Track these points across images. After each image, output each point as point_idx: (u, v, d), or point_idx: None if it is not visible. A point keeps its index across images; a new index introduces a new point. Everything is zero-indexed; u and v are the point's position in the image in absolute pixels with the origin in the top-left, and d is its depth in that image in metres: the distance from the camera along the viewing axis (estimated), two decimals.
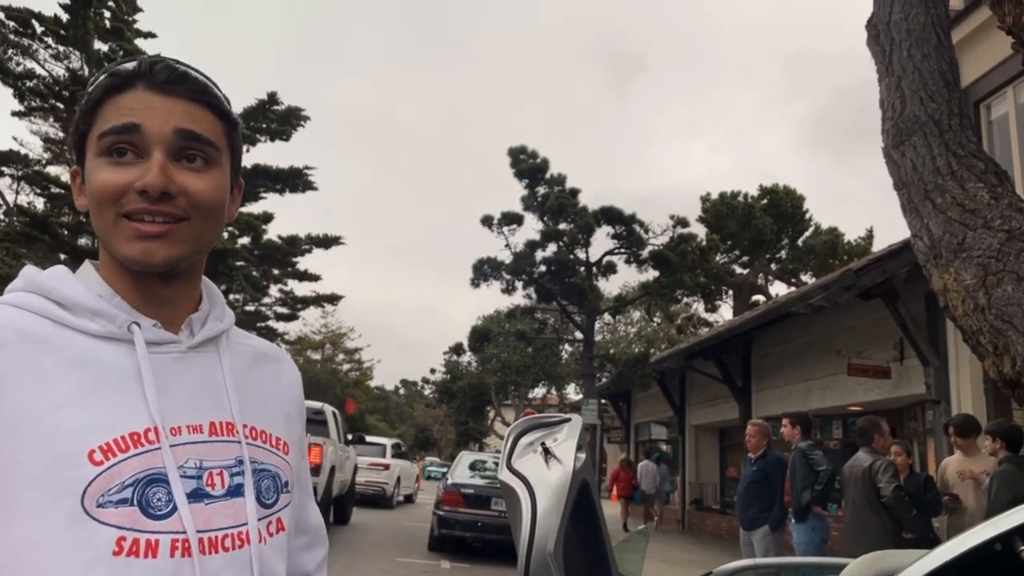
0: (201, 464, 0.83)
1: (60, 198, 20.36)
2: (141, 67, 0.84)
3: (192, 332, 0.89)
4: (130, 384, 0.81)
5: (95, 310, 0.83)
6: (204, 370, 0.89)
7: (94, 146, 0.83)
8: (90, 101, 0.85)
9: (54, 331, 0.81)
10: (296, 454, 0.96)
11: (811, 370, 12.20)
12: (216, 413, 0.87)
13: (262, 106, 21.49)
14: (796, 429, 6.58)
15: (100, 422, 0.78)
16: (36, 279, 0.85)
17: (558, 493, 3.04)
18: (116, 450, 0.77)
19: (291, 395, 1.00)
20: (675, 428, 18.79)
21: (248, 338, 1.01)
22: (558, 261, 16.92)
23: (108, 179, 0.81)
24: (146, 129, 0.81)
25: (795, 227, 27.11)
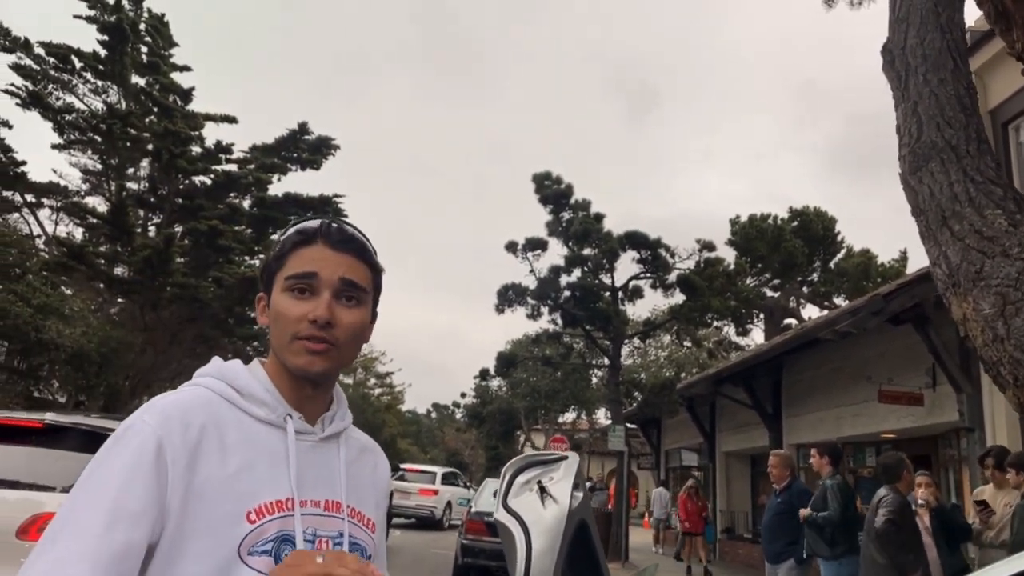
0: (316, 532, 1.09)
1: (97, 228, 20.86)
2: (322, 228, 1.15)
3: (324, 427, 1.18)
4: (280, 462, 1.09)
5: (263, 400, 1.12)
6: (328, 458, 1.17)
7: (281, 283, 1.13)
8: (283, 249, 1.15)
9: (232, 412, 1.09)
10: (379, 533, 1.22)
11: (842, 396, 11.95)
12: (330, 493, 1.14)
13: (293, 136, 21.87)
14: (825, 460, 6.43)
15: (257, 490, 1.05)
16: (223, 369, 1.15)
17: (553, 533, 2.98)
18: (265, 512, 1.04)
19: (381, 486, 1.28)
20: (705, 455, 18.50)
21: (358, 433, 1.29)
22: (583, 286, 16.85)
23: (291, 309, 1.11)
24: (320, 276, 1.12)
25: (827, 249, 26.71)
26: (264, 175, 21.08)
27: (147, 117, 20.19)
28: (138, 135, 19.74)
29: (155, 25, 21.52)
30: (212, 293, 18.92)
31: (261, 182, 20.96)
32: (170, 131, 19.35)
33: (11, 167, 19.28)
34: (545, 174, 17.22)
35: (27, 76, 19.72)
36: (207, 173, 20.94)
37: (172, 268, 18.28)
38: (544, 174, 17.22)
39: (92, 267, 18.46)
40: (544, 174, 17.22)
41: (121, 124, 19.16)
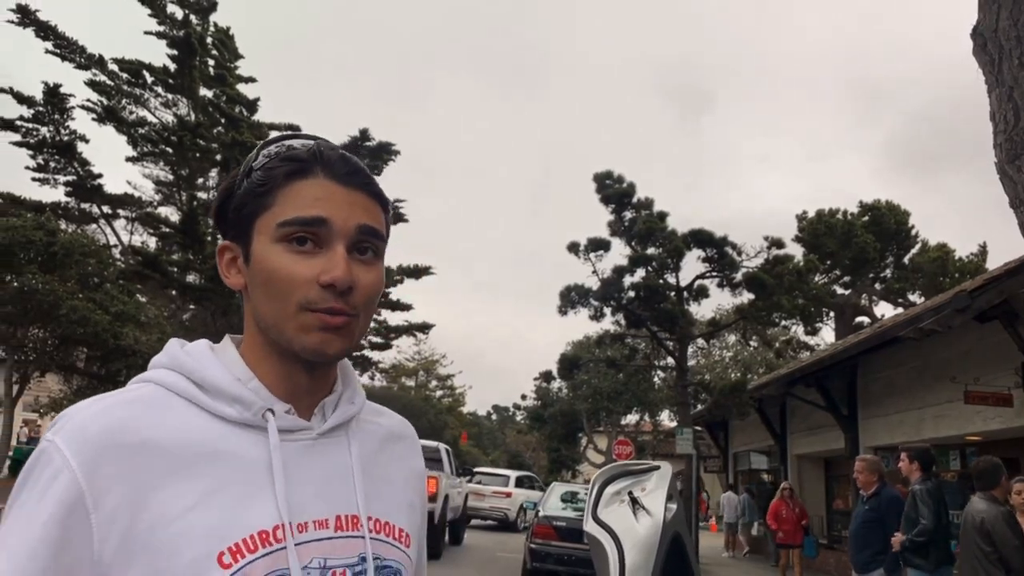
0: (325, 563, 0.81)
1: (169, 237, 21.56)
2: (321, 153, 0.84)
3: (324, 417, 0.87)
4: (260, 477, 0.79)
5: (233, 395, 0.81)
6: (333, 458, 0.87)
7: (269, 231, 0.82)
8: (266, 181, 0.83)
9: (191, 416, 0.80)
10: (416, 545, 0.94)
11: (923, 397, 11.45)
12: (343, 506, 0.85)
13: (355, 143, 22.20)
14: (914, 465, 6.09)
15: (230, 522, 0.76)
16: (179, 358, 0.84)
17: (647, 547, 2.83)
18: (245, 551, 0.76)
19: (415, 482, 0.98)
20: (776, 457, 18.01)
21: (379, 414, 0.98)
22: (647, 286, 16.57)
23: (293, 269, 0.80)
24: (332, 223, 0.81)
25: (900, 244, 25.76)
26: None
27: (215, 128, 20.78)
28: (207, 146, 20.33)
29: (221, 38, 22.16)
30: None
31: None
32: (237, 141, 19.86)
33: (89, 180, 20.11)
34: (606, 173, 17.03)
35: (102, 92, 20.53)
36: None
37: None
38: (605, 173, 17.03)
39: (166, 275, 19.09)
40: (605, 173, 17.03)
41: (191, 136, 19.76)
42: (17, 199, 19.74)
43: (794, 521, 12.42)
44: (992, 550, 4.70)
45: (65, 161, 19.72)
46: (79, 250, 15.34)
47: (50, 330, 15.39)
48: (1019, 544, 4.65)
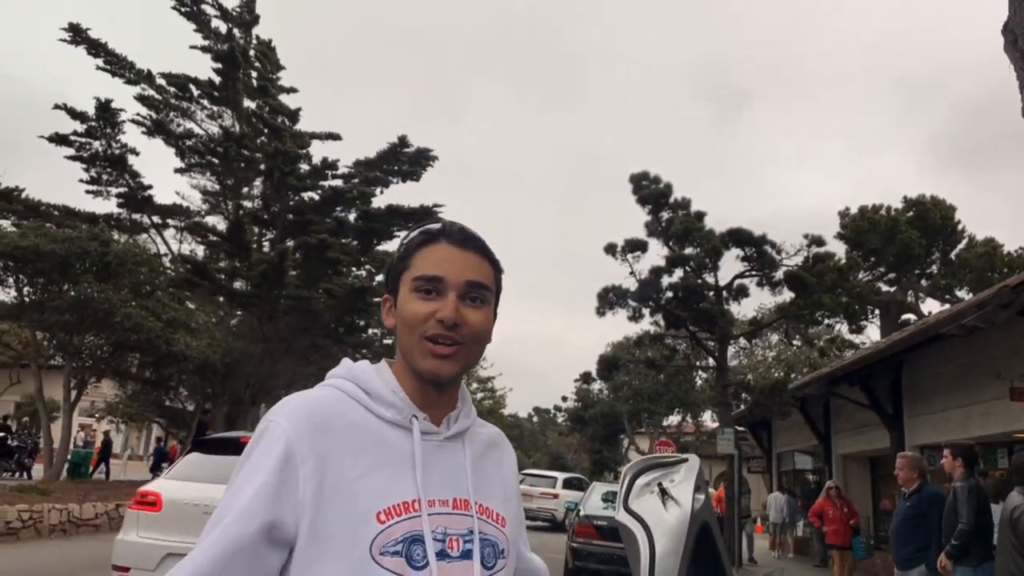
0: (445, 531, 1.09)
1: (217, 245, 22.17)
2: (445, 227, 1.18)
3: (448, 426, 1.18)
4: (405, 463, 1.10)
5: (390, 402, 1.13)
6: (453, 456, 1.17)
7: (408, 284, 1.14)
8: (407, 250, 1.17)
9: (360, 414, 1.11)
10: (513, 524, 1.24)
11: (970, 394, 11.27)
12: (458, 491, 1.14)
13: (394, 150, 22.57)
14: (958, 462, 6.06)
15: (385, 491, 1.06)
16: (353, 371, 1.17)
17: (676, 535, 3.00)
18: (393, 514, 1.05)
19: (508, 479, 1.28)
20: (821, 457, 17.81)
21: (484, 427, 1.29)
22: (685, 287, 16.53)
23: (418, 309, 1.12)
24: (447, 279, 1.13)
25: (946, 240, 25.21)
26: (368, 189, 21.87)
27: (259, 138, 21.32)
28: (251, 156, 20.88)
29: (263, 51, 22.71)
30: (323, 303, 19.78)
31: (365, 195, 21.74)
32: (280, 151, 20.36)
33: (139, 191, 20.79)
34: (643, 174, 17.04)
35: (151, 106, 21.21)
36: (315, 189, 21.91)
37: (286, 281, 19.22)
38: (642, 174, 17.04)
39: (214, 282, 19.65)
40: (642, 174, 17.04)
41: (236, 146, 20.32)
42: (72, 211, 20.50)
43: (842, 521, 11.99)
44: (1019, 543, 4.69)
45: (117, 173, 20.41)
46: (132, 259, 15.91)
47: (105, 337, 15.97)
48: None
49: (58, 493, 12.84)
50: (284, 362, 20.61)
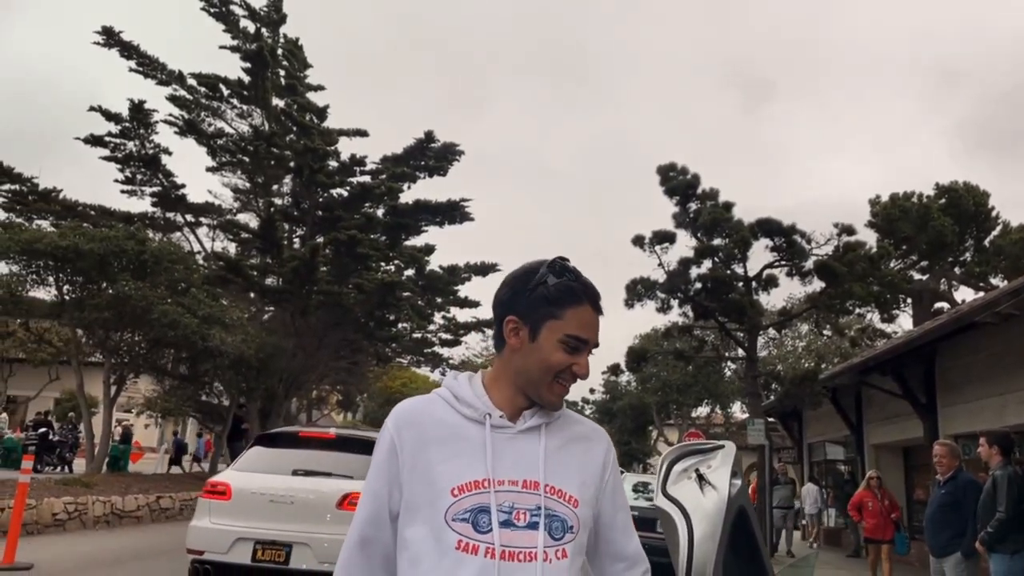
0: (513, 505, 1.34)
1: (248, 243, 22.52)
2: (589, 293, 1.43)
3: (525, 422, 1.42)
4: (479, 451, 1.36)
5: (470, 404, 1.41)
6: (527, 445, 1.40)
7: (558, 334, 1.38)
8: (555, 300, 1.39)
9: (449, 412, 1.41)
10: (585, 508, 1.42)
11: (1006, 383, 11.15)
12: (529, 474, 1.37)
13: (420, 145, 22.75)
14: (994, 449, 6.06)
15: (460, 472, 1.34)
16: (450, 382, 1.48)
17: (714, 519, 3.10)
18: (464, 490, 1.33)
19: (591, 468, 1.47)
20: (852, 447, 17.70)
21: (577, 423, 1.51)
22: (714, 277, 16.49)
23: (563, 360, 1.39)
24: (591, 344, 1.41)
25: (980, 227, 24.75)
26: (395, 184, 22.06)
27: (288, 136, 21.59)
28: (281, 154, 21.17)
29: (291, 49, 22.98)
30: (354, 299, 20.01)
31: (393, 191, 21.93)
32: (309, 148, 20.61)
33: (173, 190, 21.18)
34: (670, 165, 17.01)
35: (182, 106, 21.58)
36: (344, 185, 22.16)
37: (317, 277, 19.49)
38: (669, 165, 17.01)
39: (247, 279, 19.98)
40: (669, 165, 17.01)
41: (266, 145, 20.61)
42: (108, 211, 20.95)
43: (882, 514, 11.30)
44: None
45: (151, 173, 20.81)
46: (167, 257, 16.22)
47: (143, 334, 16.32)
48: None
49: (101, 486, 13.20)
50: (316, 356, 20.90)
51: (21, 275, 15.32)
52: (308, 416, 32.56)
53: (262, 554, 6.11)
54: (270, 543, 6.11)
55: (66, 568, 8.19)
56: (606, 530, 1.50)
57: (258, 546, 6.11)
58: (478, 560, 1.29)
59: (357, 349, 23.38)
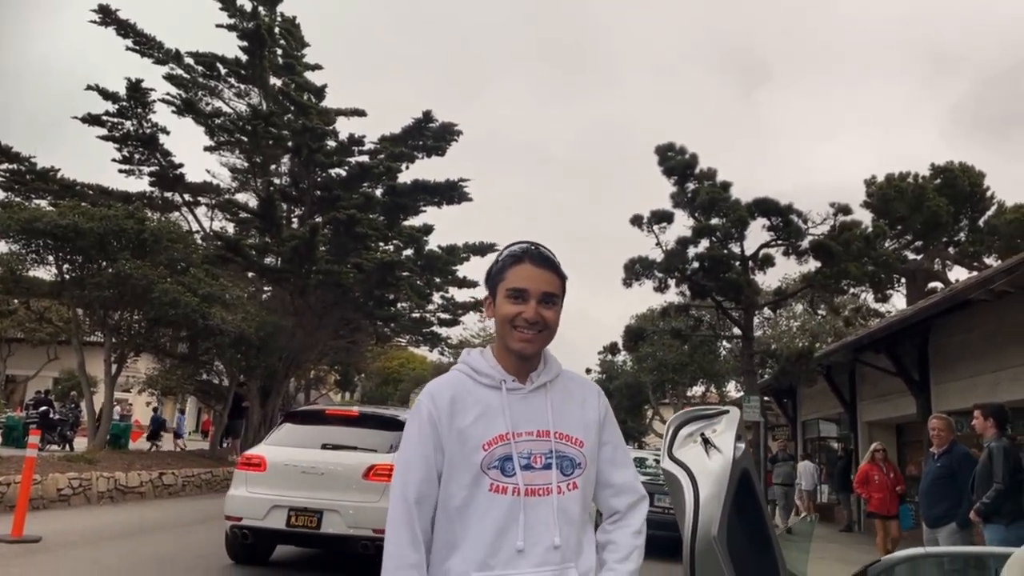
0: (530, 452, 1.65)
1: (247, 222, 22.53)
2: (528, 250, 1.71)
3: (532, 383, 1.72)
4: (499, 411, 1.67)
5: (487, 374, 1.71)
6: (537, 402, 1.71)
7: (504, 292, 1.69)
8: (503, 266, 1.71)
9: (471, 384, 1.70)
10: (591, 447, 1.73)
11: (998, 360, 11.33)
12: (541, 424, 1.68)
13: (418, 125, 22.71)
14: (989, 422, 6.20)
15: (487, 430, 1.64)
16: (466, 358, 1.76)
17: (719, 481, 3.25)
18: (493, 443, 1.63)
19: (589, 414, 1.77)
20: (846, 425, 17.94)
21: (572, 380, 1.81)
22: (711, 257, 16.63)
23: (511, 310, 1.67)
24: (530, 291, 1.68)
25: (975, 207, 24.91)
26: (394, 164, 22.04)
27: (286, 116, 21.52)
28: (279, 133, 21.11)
29: (288, 28, 22.84)
30: (353, 278, 20.09)
31: (391, 171, 21.93)
32: (307, 128, 20.58)
33: (171, 170, 21.14)
34: (668, 145, 17.09)
35: (180, 85, 21.48)
36: (342, 165, 22.14)
37: (317, 256, 19.54)
38: (667, 145, 17.09)
39: (246, 258, 20.02)
40: (667, 145, 17.09)
41: (264, 124, 20.55)
42: (106, 190, 20.90)
43: (888, 488, 10.92)
44: None
45: (148, 153, 20.74)
46: (167, 237, 16.25)
47: (143, 312, 16.37)
48: None
49: (104, 463, 13.34)
50: (316, 335, 21.00)
51: (21, 254, 15.32)
52: (306, 395, 32.73)
53: (296, 520, 6.75)
54: (303, 510, 6.75)
55: (73, 541, 8.33)
56: (598, 463, 1.78)
57: (292, 513, 6.75)
58: (507, 498, 1.60)
59: (356, 328, 23.48)
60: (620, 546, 1.75)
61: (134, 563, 7.46)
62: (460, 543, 1.61)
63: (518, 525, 1.60)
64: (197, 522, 10.71)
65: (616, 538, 1.76)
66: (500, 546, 1.59)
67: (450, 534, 1.62)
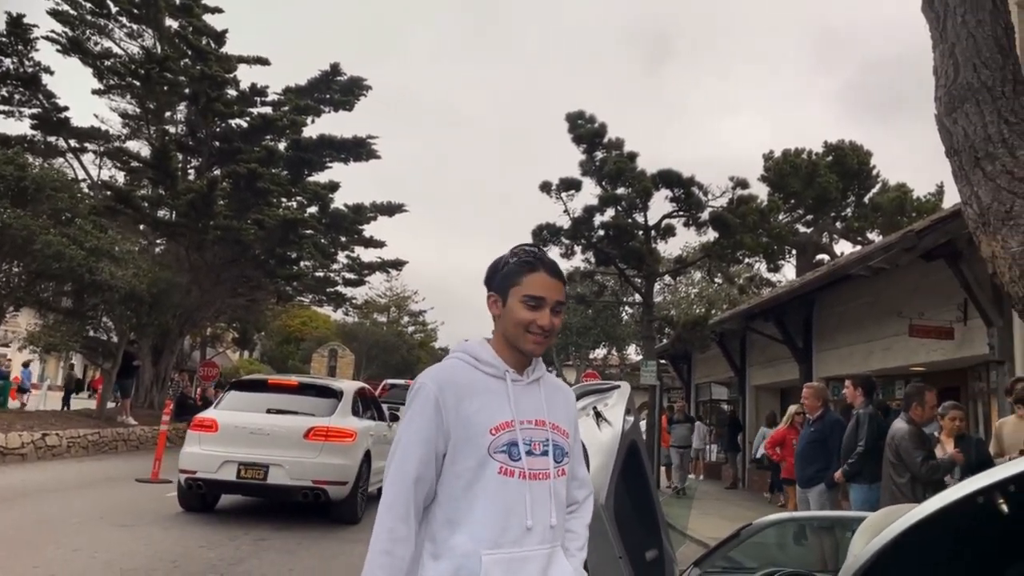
0: (531, 439, 1.74)
1: (139, 172, 21.38)
2: (544, 261, 1.80)
3: (529, 376, 1.83)
4: (504, 399, 1.75)
5: (491, 364, 1.79)
6: (533, 394, 1.82)
7: (519, 297, 1.75)
8: (518, 270, 1.77)
9: (474, 373, 1.77)
10: (572, 439, 1.87)
11: (873, 331, 12.13)
12: (538, 414, 1.78)
13: (325, 77, 22.01)
14: (858, 391, 6.67)
15: (493, 416, 1.71)
16: (467, 347, 1.83)
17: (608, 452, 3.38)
18: (499, 429, 1.71)
19: (570, 409, 1.92)
20: (736, 388, 18.87)
21: (553, 378, 1.94)
22: (616, 225, 16.95)
23: (527, 316, 1.75)
24: (546, 300, 1.76)
25: (861, 184, 26.34)
26: (299, 117, 21.33)
27: (182, 60, 20.41)
28: (175, 79, 20.03)
29: None
30: (253, 235, 19.43)
31: (296, 124, 21.22)
32: (206, 74, 19.60)
33: (55, 113, 19.76)
34: (579, 113, 17.19)
35: (65, 22, 20.00)
36: (243, 116, 21.24)
37: (215, 211, 18.77)
38: (578, 113, 17.19)
39: (138, 210, 19.05)
40: (578, 113, 17.19)
41: (158, 68, 19.43)
42: None
43: None
44: (898, 462, 5.33)
45: (30, 93, 19.32)
46: (50, 185, 15.23)
47: (23, 265, 15.38)
48: (923, 458, 5.27)
49: None
50: (212, 293, 20.29)
51: None
52: (202, 354, 31.68)
53: (245, 473, 7.94)
54: (251, 464, 7.94)
55: None
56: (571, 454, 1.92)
57: (241, 467, 7.94)
58: (515, 481, 1.70)
59: (256, 287, 22.79)
60: (578, 535, 1.89)
61: (16, 527, 7.13)
62: (465, 522, 1.68)
63: (526, 505, 1.70)
64: (83, 485, 10.31)
65: (574, 527, 1.89)
66: (509, 525, 1.68)
67: (454, 512, 1.69)
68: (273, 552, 6.74)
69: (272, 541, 7.22)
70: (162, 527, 7.55)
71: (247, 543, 7.04)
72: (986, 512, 1.53)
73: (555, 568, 1.76)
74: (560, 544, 1.79)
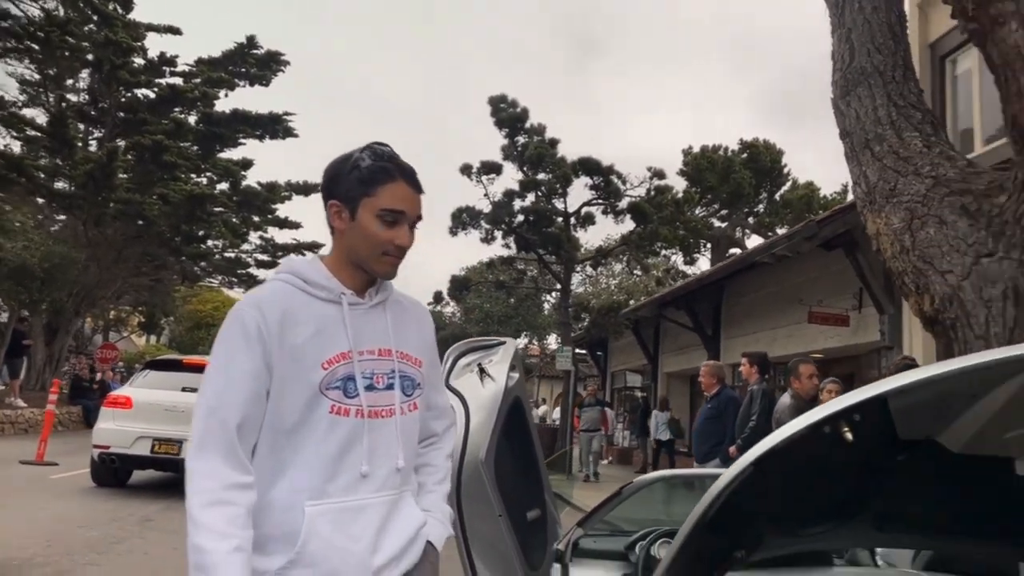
0: (373, 372, 1.52)
1: (36, 141, 20.16)
2: (403, 169, 1.54)
3: (371, 298, 1.58)
4: (339, 327, 1.50)
5: (323, 286, 1.52)
6: (377, 319, 1.57)
7: (373, 210, 1.49)
8: (372, 179, 1.50)
9: (303, 297, 1.50)
10: (427, 367, 1.65)
11: (776, 318, 12.52)
12: (383, 343, 1.55)
13: (241, 50, 21.24)
14: (753, 368, 6.88)
15: (326, 347, 1.47)
16: (293, 266, 1.56)
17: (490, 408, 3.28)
18: (334, 362, 1.47)
19: (425, 334, 1.69)
20: (649, 375, 19.24)
21: (404, 298, 1.69)
22: (536, 211, 17.05)
23: (384, 235, 1.50)
24: (407, 214, 1.52)
25: (774, 181, 27.30)
26: (211, 90, 20.53)
27: (86, 25, 19.33)
28: (77, 44, 18.95)
29: None
30: (158, 210, 18.60)
31: (207, 97, 20.41)
32: (111, 41, 18.62)
33: None
34: (501, 97, 17.18)
35: None
36: (150, 86, 20.30)
37: (116, 183, 17.87)
38: (500, 97, 17.17)
39: (32, 180, 17.96)
40: (500, 97, 17.17)
41: (60, 32, 18.32)
42: None
43: None
44: None
45: None
46: None
47: None
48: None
49: None
50: (113, 271, 19.32)
51: None
52: (104, 336, 30.26)
53: (159, 448, 8.22)
54: (165, 440, 8.21)
55: None
56: (425, 385, 1.68)
57: (156, 442, 8.21)
58: (350, 420, 1.48)
59: (161, 266, 21.83)
60: (438, 468, 1.72)
61: None
62: (287, 469, 1.45)
63: (362, 448, 1.48)
64: None
65: (432, 460, 1.72)
66: (339, 471, 1.46)
67: (277, 461, 1.45)
68: (157, 531, 6.45)
69: (157, 521, 6.92)
70: (41, 507, 7.14)
71: (132, 523, 6.72)
72: (831, 440, 1.53)
73: (399, 516, 1.55)
74: (410, 488, 1.61)
